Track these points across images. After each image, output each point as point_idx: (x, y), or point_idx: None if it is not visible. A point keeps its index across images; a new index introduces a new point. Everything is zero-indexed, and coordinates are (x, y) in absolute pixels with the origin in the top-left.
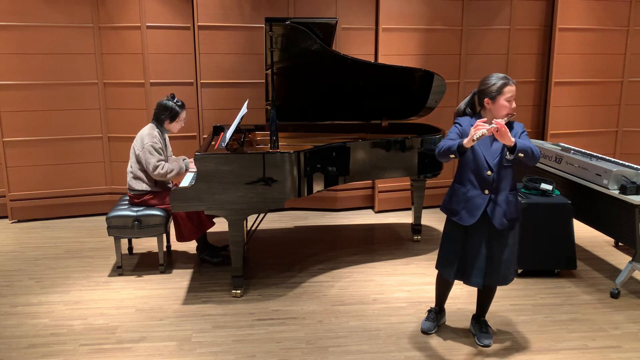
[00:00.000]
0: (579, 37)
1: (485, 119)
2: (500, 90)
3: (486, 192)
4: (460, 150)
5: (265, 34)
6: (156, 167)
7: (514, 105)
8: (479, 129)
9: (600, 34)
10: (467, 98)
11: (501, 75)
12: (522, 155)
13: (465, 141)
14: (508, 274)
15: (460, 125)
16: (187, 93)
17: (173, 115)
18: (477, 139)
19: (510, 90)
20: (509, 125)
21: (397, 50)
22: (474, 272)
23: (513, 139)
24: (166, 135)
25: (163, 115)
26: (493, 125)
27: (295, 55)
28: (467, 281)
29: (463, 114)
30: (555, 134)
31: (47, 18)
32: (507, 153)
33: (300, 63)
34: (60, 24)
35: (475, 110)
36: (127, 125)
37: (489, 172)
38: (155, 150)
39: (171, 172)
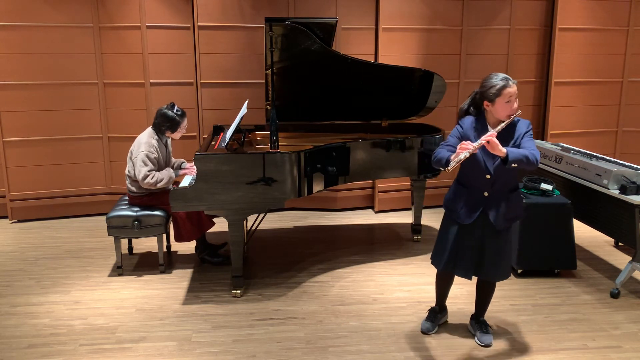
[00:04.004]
0: (579, 37)
1: (487, 123)
2: (499, 93)
3: (486, 193)
4: (449, 165)
5: (265, 34)
6: (146, 177)
7: (515, 105)
8: (464, 149)
9: (600, 34)
10: (469, 98)
11: (501, 76)
12: (515, 165)
13: (451, 159)
14: (505, 268)
15: (462, 127)
16: (187, 93)
17: (173, 126)
18: (460, 161)
19: (508, 92)
20: (512, 125)
21: (397, 50)
22: (464, 265)
23: (504, 150)
24: (168, 140)
25: (164, 127)
26: (481, 141)
27: (295, 55)
28: (457, 272)
29: (466, 113)
30: (555, 134)
31: (47, 18)
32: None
33: (300, 63)
34: (60, 24)
35: (479, 109)
36: (127, 125)
37: (488, 176)
38: (150, 160)
39: (161, 181)
